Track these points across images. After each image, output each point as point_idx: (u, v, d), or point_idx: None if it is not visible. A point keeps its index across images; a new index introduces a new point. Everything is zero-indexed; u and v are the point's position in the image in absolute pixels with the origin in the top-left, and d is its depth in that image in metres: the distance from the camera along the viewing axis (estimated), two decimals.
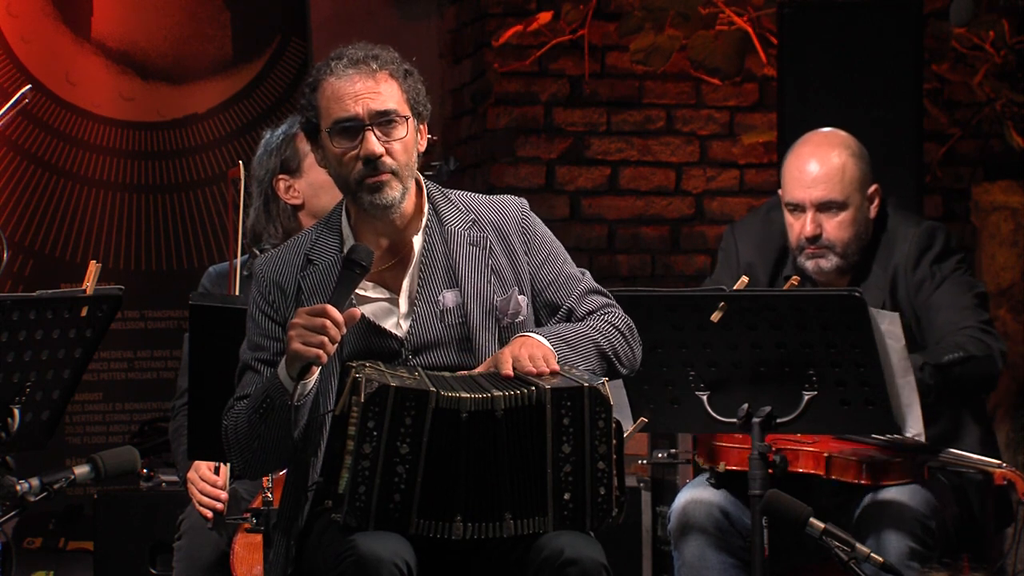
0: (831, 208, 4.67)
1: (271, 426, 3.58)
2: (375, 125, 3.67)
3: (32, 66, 7.07)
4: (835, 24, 6.25)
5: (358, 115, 3.67)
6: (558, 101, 7.12)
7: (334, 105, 3.69)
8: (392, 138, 3.69)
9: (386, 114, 3.68)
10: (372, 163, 3.66)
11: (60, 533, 6.43)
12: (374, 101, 3.68)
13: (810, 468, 4.37)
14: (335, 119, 3.68)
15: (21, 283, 6.92)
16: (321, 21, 7.38)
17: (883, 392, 4.22)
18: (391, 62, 3.73)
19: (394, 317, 3.73)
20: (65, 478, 3.70)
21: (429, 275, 3.74)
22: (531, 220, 3.83)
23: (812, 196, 4.66)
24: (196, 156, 7.25)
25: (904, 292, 4.66)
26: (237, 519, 4.38)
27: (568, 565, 3.48)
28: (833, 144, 4.73)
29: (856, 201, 4.69)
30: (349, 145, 3.68)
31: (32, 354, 3.69)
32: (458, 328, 3.72)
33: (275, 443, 3.61)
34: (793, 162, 4.73)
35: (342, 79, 3.69)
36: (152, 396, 7.10)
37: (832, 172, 4.67)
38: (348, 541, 3.48)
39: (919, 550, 4.32)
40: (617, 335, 3.76)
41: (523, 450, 3.52)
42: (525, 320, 3.74)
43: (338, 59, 3.72)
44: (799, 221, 4.69)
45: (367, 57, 3.71)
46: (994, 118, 6.99)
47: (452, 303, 3.73)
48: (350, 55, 3.71)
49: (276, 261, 3.77)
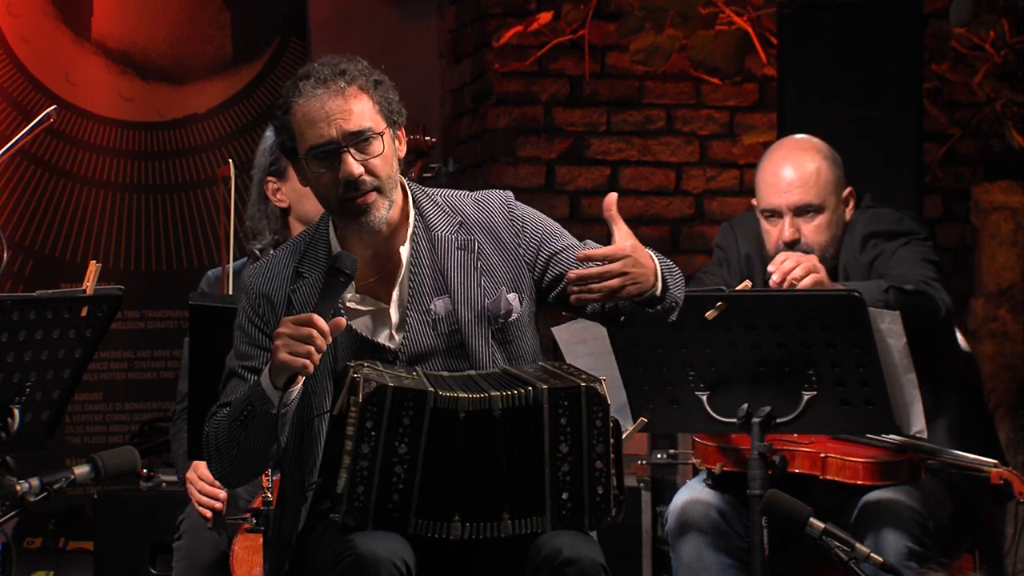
0: (808, 212, 4.68)
1: (251, 434, 3.57)
2: (351, 146, 3.64)
3: (32, 66, 7.08)
4: (835, 24, 6.25)
5: (332, 138, 3.63)
6: (558, 101, 7.12)
7: (308, 130, 3.65)
8: (370, 155, 3.65)
9: (360, 133, 3.64)
10: (353, 184, 3.64)
11: (60, 533, 6.43)
12: (347, 122, 3.63)
13: (807, 469, 4.37)
14: (310, 145, 3.65)
15: (21, 283, 6.92)
16: (321, 21, 7.38)
17: (883, 392, 4.22)
18: (359, 75, 3.67)
19: (386, 329, 3.71)
20: (65, 478, 3.70)
21: (418, 284, 3.71)
22: (517, 211, 3.79)
23: (789, 201, 4.68)
24: (196, 156, 7.25)
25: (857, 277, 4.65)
26: (237, 519, 4.39)
27: (566, 565, 3.48)
28: (806, 149, 4.75)
29: (832, 204, 4.70)
30: (327, 168, 3.65)
31: (32, 354, 3.69)
32: (451, 336, 3.70)
33: (254, 452, 3.60)
34: (768, 168, 4.75)
35: (311, 101, 3.64)
36: (152, 396, 7.10)
37: (807, 176, 4.68)
38: (347, 541, 3.48)
39: (917, 550, 4.32)
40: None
41: (521, 450, 3.52)
42: (520, 319, 3.73)
43: (305, 79, 3.66)
44: (776, 227, 4.70)
45: (334, 74, 3.65)
46: (994, 118, 6.99)
47: (443, 311, 3.71)
48: (317, 74, 3.66)
49: (266, 273, 3.75)
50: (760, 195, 4.74)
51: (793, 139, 4.85)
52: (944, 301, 4.58)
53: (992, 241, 6.79)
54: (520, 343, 3.74)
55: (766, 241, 4.74)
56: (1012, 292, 6.73)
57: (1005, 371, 6.66)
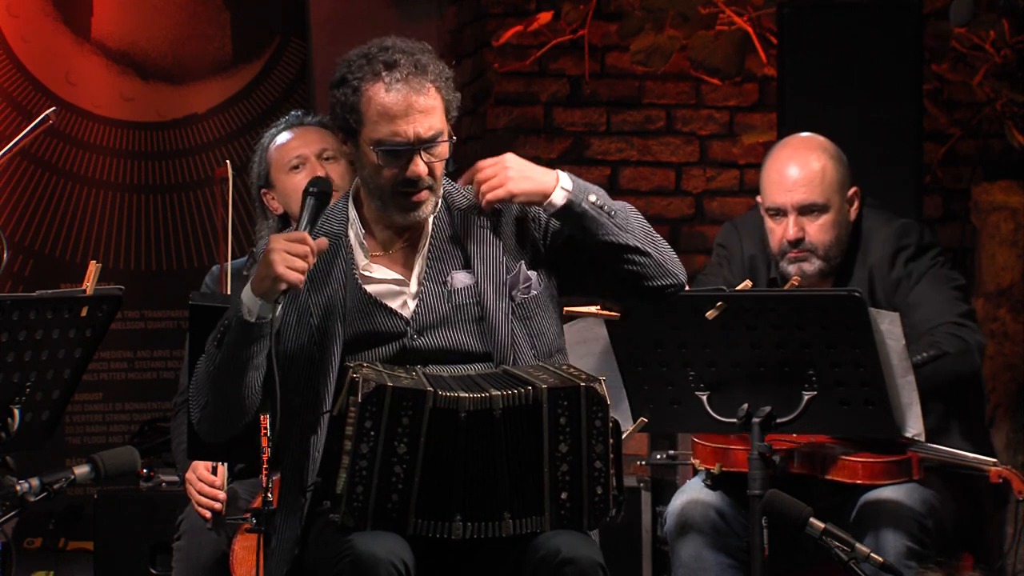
0: (813, 211, 4.67)
1: (226, 353, 3.59)
2: (423, 149, 3.67)
3: (32, 66, 7.08)
4: (835, 24, 6.24)
5: (408, 140, 3.66)
6: (558, 101, 7.12)
7: (383, 124, 3.66)
8: (436, 157, 3.70)
9: (435, 137, 3.69)
10: (414, 182, 3.68)
11: (60, 533, 6.43)
12: (423, 125, 3.66)
13: (806, 469, 4.37)
14: (382, 139, 3.67)
15: (21, 283, 6.92)
16: (321, 21, 7.38)
17: (883, 392, 4.22)
18: (436, 75, 3.70)
19: (402, 298, 3.74)
20: (65, 478, 3.70)
21: (438, 255, 3.76)
22: None
23: (794, 200, 4.67)
24: (196, 156, 7.26)
25: (882, 293, 4.66)
26: (236, 519, 4.39)
27: (565, 564, 3.49)
28: (811, 148, 4.74)
29: (837, 203, 4.69)
30: (393, 164, 3.68)
31: (32, 354, 3.69)
32: (470, 308, 3.72)
33: (228, 375, 3.60)
34: (773, 167, 4.74)
35: (391, 94, 3.65)
36: (152, 396, 7.10)
37: (813, 175, 4.67)
38: (346, 541, 3.48)
39: (917, 549, 4.32)
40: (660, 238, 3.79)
41: (521, 450, 3.53)
42: (538, 294, 3.75)
43: (387, 68, 3.66)
44: (781, 225, 4.69)
45: (416, 70, 3.66)
46: (994, 118, 6.99)
47: (463, 283, 3.74)
48: (397, 64, 3.65)
49: None
50: (765, 193, 4.73)
51: (799, 137, 4.83)
52: (978, 344, 4.58)
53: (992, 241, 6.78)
54: (540, 321, 3.77)
55: (770, 239, 4.73)
56: (1012, 292, 6.72)
57: (1005, 371, 6.65)
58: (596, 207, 3.70)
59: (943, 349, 4.50)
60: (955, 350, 4.53)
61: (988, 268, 6.76)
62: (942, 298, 4.63)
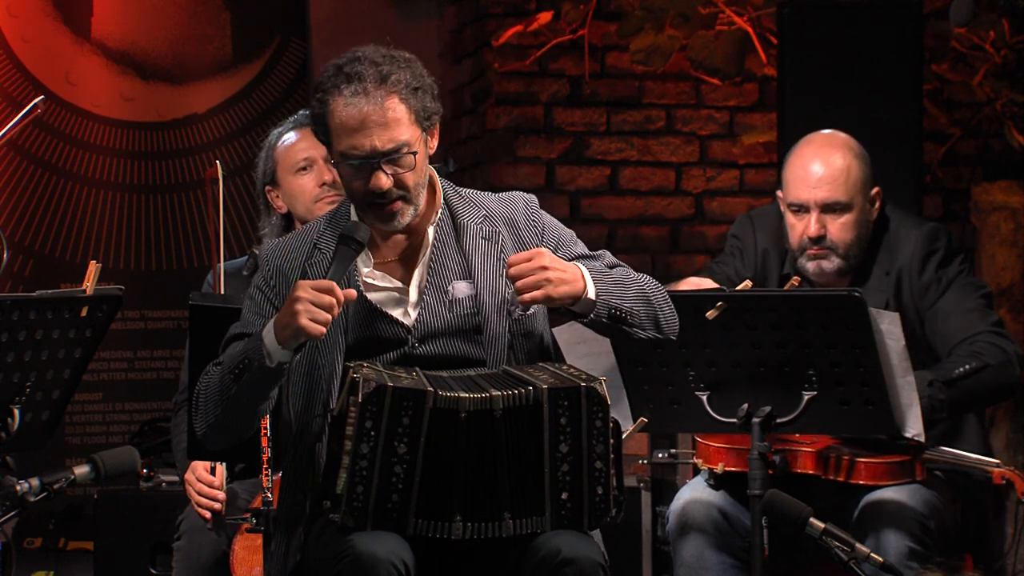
0: (835, 209, 4.66)
1: (242, 387, 3.58)
2: (383, 161, 3.65)
3: (32, 66, 7.08)
4: (835, 24, 6.24)
5: (366, 153, 3.64)
6: (558, 101, 7.12)
7: (343, 137, 3.65)
8: (402, 169, 3.66)
9: (395, 150, 3.65)
10: (380, 194, 3.66)
11: (60, 533, 6.43)
12: (381, 138, 3.62)
13: (808, 469, 4.37)
14: (343, 152, 3.66)
15: (21, 283, 6.92)
16: (321, 21, 7.38)
17: (883, 392, 4.22)
18: (400, 83, 3.65)
19: (403, 307, 3.74)
20: (65, 478, 3.69)
21: (440, 265, 3.75)
22: (539, 215, 3.85)
23: (817, 197, 4.66)
24: (196, 156, 7.25)
25: (909, 295, 4.65)
26: (236, 519, 4.38)
27: (565, 564, 3.49)
28: (836, 146, 4.72)
29: (859, 203, 4.68)
30: (358, 176, 3.67)
31: (32, 354, 3.68)
32: (468, 318, 3.72)
33: (241, 407, 3.61)
34: (797, 163, 4.72)
35: (349, 108, 3.63)
36: (152, 396, 7.10)
37: (837, 173, 4.66)
38: (346, 541, 3.48)
39: (918, 550, 4.32)
40: (662, 296, 3.78)
41: (521, 450, 3.52)
42: (536, 313, 3.75)
43: (348, 81, 3.63)
44: (802, 222, 4.68)
45: (376, 81, 3.63)
46: (994, 118, 6.99)
47: (463, 294, 3.73)
48: (360, 77, 3.63)
49: (283, 249, 3.79)
50: (787, 188, 4.72)
51: (823, 134, 4.81)
52: (1017, 354, 4.57)
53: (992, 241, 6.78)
54: (538, 336, 3.77)
55: (790, 235, 4.72)
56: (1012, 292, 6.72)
57: None
58: (615, 315, 3.68)
59: (985, 361, 4.50)
60: (996, 361, 4.52)
61: (988, 268, 6.77)
62: (973, 306, 4.63)
